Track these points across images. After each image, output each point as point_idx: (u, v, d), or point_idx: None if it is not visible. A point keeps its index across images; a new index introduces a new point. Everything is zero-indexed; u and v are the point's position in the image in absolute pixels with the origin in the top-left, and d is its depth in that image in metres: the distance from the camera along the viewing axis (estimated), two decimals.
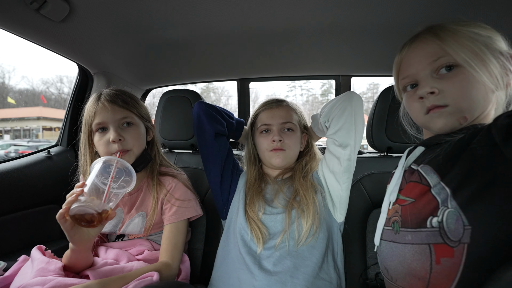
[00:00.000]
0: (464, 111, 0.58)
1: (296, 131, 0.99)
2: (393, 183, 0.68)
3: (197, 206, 0.97)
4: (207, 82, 1.85)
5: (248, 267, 0.82)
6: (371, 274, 1.02)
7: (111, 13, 0.93)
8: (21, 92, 12.57)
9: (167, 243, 0.89)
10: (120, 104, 0.87)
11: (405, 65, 0.67)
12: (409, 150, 0.72)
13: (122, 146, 0.85)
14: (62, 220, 0.68)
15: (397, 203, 0.65)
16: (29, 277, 0.70)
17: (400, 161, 0.71)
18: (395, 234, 0.62)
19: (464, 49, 0.57)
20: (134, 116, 0.90)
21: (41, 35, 0.99)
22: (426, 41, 0.62)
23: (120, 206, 0.94)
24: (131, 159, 0.88)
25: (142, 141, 0.92)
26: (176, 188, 0.95)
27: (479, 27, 0.59)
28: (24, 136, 11.51)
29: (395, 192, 0.66)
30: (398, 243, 0.60)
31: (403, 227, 0.60)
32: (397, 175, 0.68)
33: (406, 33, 0.67)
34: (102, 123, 0.86)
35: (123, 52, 1.22)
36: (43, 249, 0.82)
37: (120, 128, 0.87)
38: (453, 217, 0.51)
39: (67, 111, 1.36)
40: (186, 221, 0.94)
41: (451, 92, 0.58)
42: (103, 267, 0.79)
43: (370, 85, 7.44)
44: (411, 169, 0.65)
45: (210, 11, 0.94)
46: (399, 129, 1.07)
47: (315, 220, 0.85)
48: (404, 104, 0.71)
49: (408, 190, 0.63)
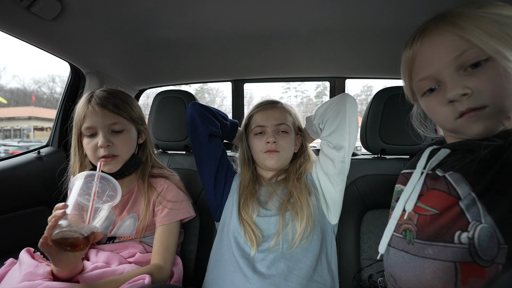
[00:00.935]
0: (507, 111, 0.49)
1: (291, 133, 0.99)
2: (409, 188, 0.60)
3: (189, 208, 0.96)
4: (202, 83, 1.84)
5: (241, 270, 0.82)
6: (364, 276, 1.02)
7: (104, 12, 0.92)
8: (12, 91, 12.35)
9: (159, 245, 0.87)
10: (110, 108, 0.85)
11: (420, 64, 0.57)
12: (430, 151, 0.62)
13: (110, 151, 0.84)
14: (46, 247, 0.63)
15: (413, 210, 0.58)
16: (16, 281, 0.69)
17: (419, 162, 0.62)
18: (408, 244, 0.56)
19: (493, 37, 0.47)
20: (125, 120, 0.88)
21: (32, 33, 0.97)
22: (443, 33, 0.52)
23: (112, 208, 0.92)
24: (118, 165, 0.86)
25: (131, 146, 0.91)
26: (168, 189, 0.94)
27: (498, 6, 0.50)
28: (14, 136, 11.32)
29: (413, 200, 0.58)
30: (414, 255, 0.54)
31: (420, 239, 0.54)
32: (414, 178, 0.60)
33: (401, 35, 0.65)
34: (92, 128, 0.84)
35: (116, 52, 1.21)
36: (31, 252, 0.80)
37: (109, 133, 0.85)
38: (487, 233, 0.45)
39: (58, 111, 1.33)
40: (179, 223, 0.93)
41: (488, 90, 0.48)
42: (93, 271, 0.77)
43: (364, 87, 7.49)
44: (435, 174, 0.57)
45: (205, 12, 0.93)
46: (393, 131, 1.08)
47: (309, 222, 0.85)
48: (425, 109, 0.61)
49: (430, 199, 0.55)
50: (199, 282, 0.93)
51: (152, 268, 0.81)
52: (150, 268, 0.80)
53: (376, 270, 1.01)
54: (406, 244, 0.56)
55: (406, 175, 0.66)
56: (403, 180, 0.67)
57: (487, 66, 0.48)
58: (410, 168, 0.66)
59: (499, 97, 0.48)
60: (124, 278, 0.73)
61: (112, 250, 0.88)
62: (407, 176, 0.65)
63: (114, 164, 0.85)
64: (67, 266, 0.70)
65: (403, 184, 0.66)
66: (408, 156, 1.14)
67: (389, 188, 1.05)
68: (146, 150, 0.97)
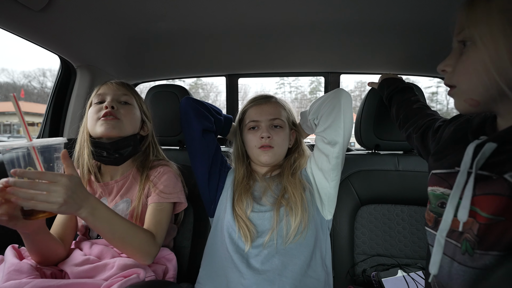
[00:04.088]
0: (469, 94, 0.50)
1: (285, 128, 0.98)
2: (456, 193, 0.52)
3: (182, 196, 0.94)
4: (196, 77, 1.82)
5: (236, 266, 0.81)
6: (358, 271, 1.03)
7: (95, 3, 0.89)
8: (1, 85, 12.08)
9: (151, 219, 0.84)
10: (124, 85, 0.93)
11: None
12: (475, 147, 0.52)
13: (113, 112, 0.86)
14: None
15: (470, 215, 0.50)
16: (0, 281, 0.67)
17: (464, 161, 0.53)
18: (463, 255, 0.51)
19: (488, 24, 0.46)
20: (133, 99, 0.94)
21: (19, 24, 0.94)
22: (461, 8, 0.51)
23: (104, 196, 0.92)
24: (116, 129, 0.85)
25: (134, 121, 0.92)
26: (163, 173, 0.93)
27: None
28: (4, 131, 11.10)
29: (466, 208, 0.50)
30: (476, 268, 0.49)
31: (482, 249, 0.48)
32: (461, 181, 0.52)
33: (396, 30, 0.65)
34: (102, 94, 0.90)
35: (108, 45, 1.18)
36: (16, 248, 0.79)
37: (117, 102, 0.89)
38: None
39: (48, 106, 1.30)
40: (171, 206, 0.91)
41: (458, 71, 0.51)
42: (84, 265, 0.77)
43: (358, 83, 7.52)
44: (485, 176, 0.49)
45: (199, 5, 0.91)
46: (387, 127, 1.09)
47: (303, 217, 0.85)
48: None
49: (489, 204, 0.48)
50: (193, 278, 0.93)
51: (148, 231, 0.79)
52: (146, 230, 0.79)
53: (370, 265, 1.02)
54: (460, 255, 0.51)
55: (442, 175, 0.59)
56: (438, 181, 0.60)
57: (471, 47, 0.48)
58: (444, 167, 0.59)
59: (466, 80, 0.50)
60: (129, 224, 0.74)
61: (106, 245, 0.87)
62: (444, 176, 0.58)
63: (113, 125, 0.85)
64: (25, 227, 0.67)
65: (439, 185, 0.59)
66: (402, 151, 1.15)
67: (383, 184, 1.07)
68: (147, 142, 0.99)
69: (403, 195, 1.05)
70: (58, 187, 0.57)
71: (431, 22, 0.99)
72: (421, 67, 1.41)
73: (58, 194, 0.57)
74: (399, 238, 1.04)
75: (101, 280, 0.72)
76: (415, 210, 1.05)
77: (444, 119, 0.75)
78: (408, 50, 1.23)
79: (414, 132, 0.81)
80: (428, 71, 1.46)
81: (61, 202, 0.57)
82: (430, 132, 0.74)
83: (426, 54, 1.25)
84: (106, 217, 0.68)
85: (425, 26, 1.01)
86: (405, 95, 0.93)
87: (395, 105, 0.93)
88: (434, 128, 0.73)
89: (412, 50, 1.23)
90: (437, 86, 8.20)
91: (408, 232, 1.04)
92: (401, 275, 0.93)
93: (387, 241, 1.04)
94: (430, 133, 0.74)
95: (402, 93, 0.94)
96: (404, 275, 0.93)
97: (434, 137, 0.71)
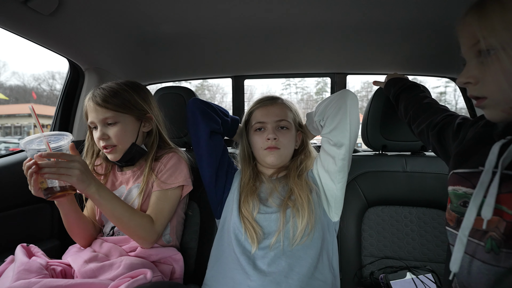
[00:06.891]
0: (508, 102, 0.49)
1: (291, 129, 0.98)
2: (480, 192, 0.52)
3: (188, 178, 0.96)
4: (202, 79, 1.82)
5: (242, 267, 0.81)
6: (366, 273, 1.02)
7: (102, 7, 0.91)
8: (12, 88, 12.33)
9: (153, 207, 0.90)
10: (100, 103, 0.89)
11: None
12: (501, 146, 0.52)
13: (107, 143, 0.90)
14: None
15: (495, 214, 0.50)
16: (10, 281, 0.68)
17: (489, 159, 0.53)
18: (487, 253, 0.50)
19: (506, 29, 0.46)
20: (116, 113, 0.90)
21: (29, 29, 0.96)
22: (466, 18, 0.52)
23: (123, 184, 0.99)
24: (117, 154, 0.92)
25: (128, 137, 0.93)
26: (171, 158, 0.96)
27: None
28: (15, 133, 11.32)
29: (491, 206, 0.49)
30: (500, 267, 0.48)
31: (509, 248, 0.47)
32: (485, 179, 0.51)
33: (403, 30, 0.64)
34: (92, 122, 0.92)
35: (115, 48, 1.20)
36: (25, 246, 0.82)
37: (105, 126, 0.91)
38: None
39: (58, 108, 1.32)
40: (174, 192, 0.93)
41: (489, 82, 0.50)
42: (92, 262, 0.80)
43: (365, 83, 7.48)
44: (510, 175, 0.49)
45: (205, 7, 0.92)
46: (394, 128, 1.07)
47: (310, 219, 0.85)
48: None
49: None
50: (200, 279, 0.93)
51: (148, 216, 0.87)
52: (146, 215, 0.87)
53: (378, 267, 1.01)
54: (485, 253, 0.51)
55: (464, 175, 0.58)
56: (460, 181, 0.59)
57: (496, 56, 0.48)
58: (467, 167, 0.59)
59: (498, 90, 0.49)
60: (127, 207, 0.82)
61: (115, 243, 0.89)
62: (466, 176, 0.58)
63: (114, 154, 0.92)
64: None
65: (462, 185, 0.58)
66: (409, 152, 1.14)
67: (391, 185, 1.05)
68: (152, 138, 1.00)
69: (411, 196, 1.04)
70: (74, 163, 0.72)
71: (437, 21, 0.98)
72: (428, 67, 1.40)
73: (75, 168, 0.72)
74: (407, 240, 1.02)
75: (108, 280, 0.73)
76: (423, 212, 1.03)
77: (464, 117, 0.74)
78: (414, 50, 1.22)
79: (429, 130, 0.79)
80: (435, 70, 1.44)
81: (78, 174, 0.71)
82: (450, 131, 0.72)
83: (433, 53, 1.23)
84: (108, 197, 0.79)
85: (431, 25, 1.00)
86: (412, 91, 0.92)
87: (403, 102, 0.92)
88: (455, 127, 0.71)
89: (418, 50, 1.21)
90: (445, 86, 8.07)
91: (416, 234, 1.02)
92: (410, 277, 0.92)
93: (395, 243, 1.03)
94: (449, 132, 0.72)
95: (410, 90, 0.93)
96: (413, 277, 0.92)
97: (456, 137, 0.70)
